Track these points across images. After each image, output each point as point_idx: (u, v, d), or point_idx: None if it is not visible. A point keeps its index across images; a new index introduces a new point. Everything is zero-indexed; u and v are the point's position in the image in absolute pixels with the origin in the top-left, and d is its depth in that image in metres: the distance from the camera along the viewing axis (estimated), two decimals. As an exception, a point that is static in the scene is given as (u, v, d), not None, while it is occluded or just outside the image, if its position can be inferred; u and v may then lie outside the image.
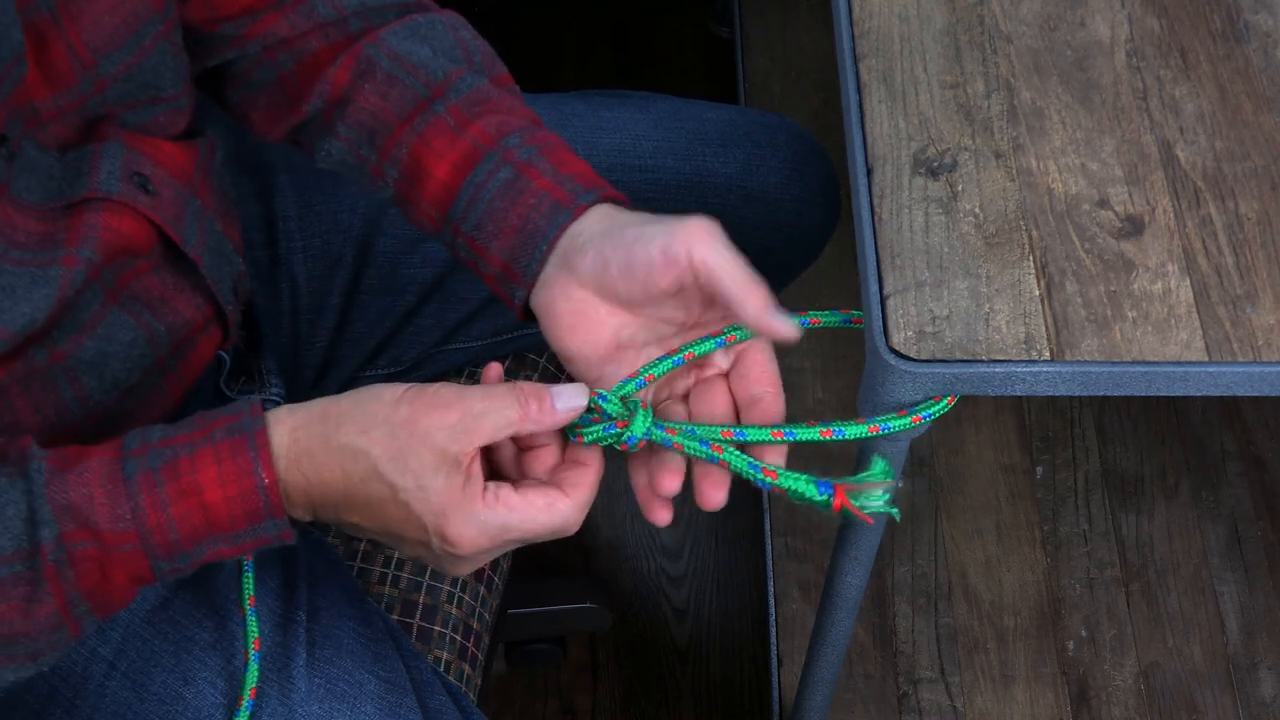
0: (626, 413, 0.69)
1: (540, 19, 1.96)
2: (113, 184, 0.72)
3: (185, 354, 0.81)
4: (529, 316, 0.75)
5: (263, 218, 0.95)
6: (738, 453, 0.67)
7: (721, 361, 0.72)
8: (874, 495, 0.66)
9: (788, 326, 0.67)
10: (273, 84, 0.82)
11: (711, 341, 0.71)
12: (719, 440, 0.68)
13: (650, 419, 0.69)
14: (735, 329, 0.71)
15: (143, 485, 0.64)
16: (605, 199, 0.74)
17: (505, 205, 0.73)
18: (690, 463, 0.70)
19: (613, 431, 0.68)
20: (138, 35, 0.72)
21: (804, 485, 0.66)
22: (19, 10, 0.65)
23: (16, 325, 0.68)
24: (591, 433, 0.69)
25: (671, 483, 0.68)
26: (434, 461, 0.65)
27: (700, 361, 0.72)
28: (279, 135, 0.84)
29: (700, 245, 0.68)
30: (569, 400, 0.68)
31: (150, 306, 0.77)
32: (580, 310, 0.71)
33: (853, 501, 0.66)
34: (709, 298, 0.69)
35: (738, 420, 0.71)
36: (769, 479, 0.67)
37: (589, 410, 0.69)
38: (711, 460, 0.68)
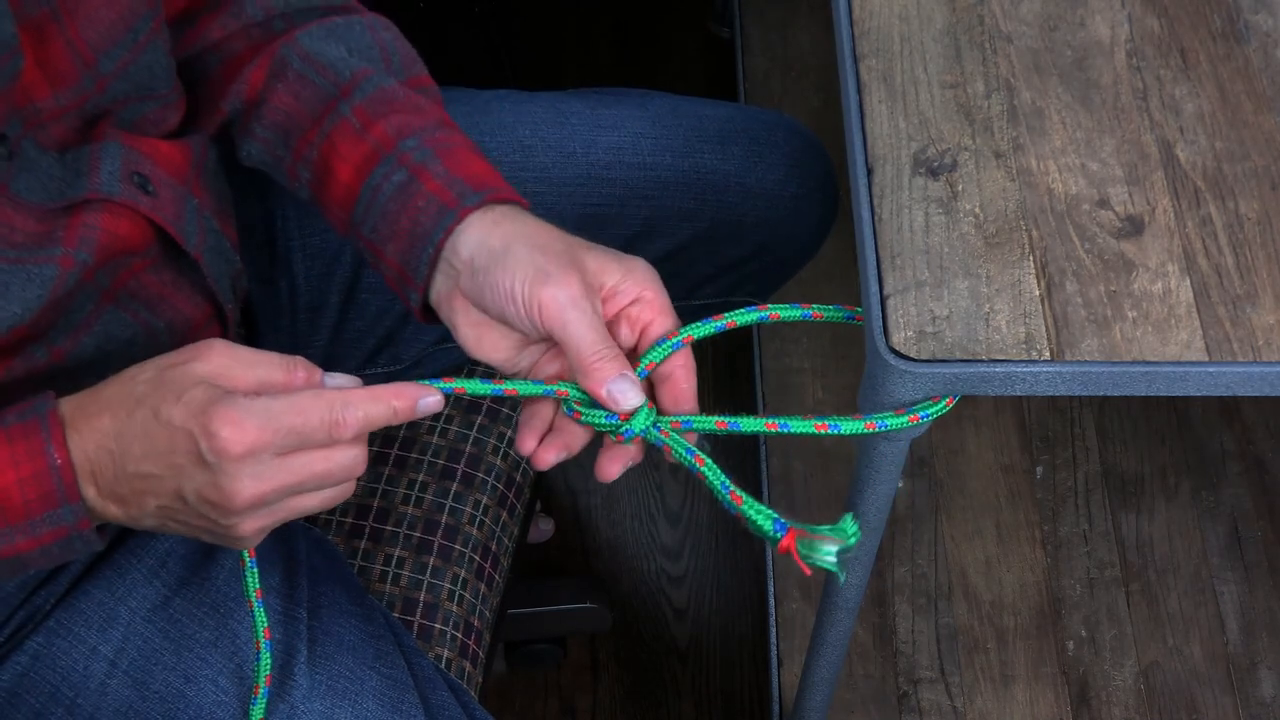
0: None
1: (540, 19, 1.96)
2: (113, 185, 0.72)
3: (184, 352, 0.81)
4: (429, 318, 0.76)
5: (262, 216, 0.95)
6: (716, 469, 0.69)
7: (629, 297, 0.72)
8: (824, 549, 0.67)
9: (624, 399, 0.69)
10: (201, 87, 0.82)
11: (713, 325, 0.73)
12: (715, 431, 0.69)
13: (651, 418, 0.69)
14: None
15: None
16: (496, 200, 0.73)
17: (397, 209, 0.74)
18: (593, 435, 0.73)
19: (613, 421, 0.70)
20: (134, 31, 0.72)
21: (762, 519, 0.67)
22: (14, 5, 0.65)
23: (5, 324, 0.68)
24: (591, 416, 0.70)
25: (613, 469, 0.72)
26: (194, 384, 0.64)
27: (608, 293, 0.72)
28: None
29: (556, 300, 0.68)
30: (339, 380, 0.67)
31: (148, 304, 0.77)
32: (481, 323, 0.73)
33: (800, 549, 0.67)
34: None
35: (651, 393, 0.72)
36: (735, 503, 0.68)
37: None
38: (692, 469, 0.69)
